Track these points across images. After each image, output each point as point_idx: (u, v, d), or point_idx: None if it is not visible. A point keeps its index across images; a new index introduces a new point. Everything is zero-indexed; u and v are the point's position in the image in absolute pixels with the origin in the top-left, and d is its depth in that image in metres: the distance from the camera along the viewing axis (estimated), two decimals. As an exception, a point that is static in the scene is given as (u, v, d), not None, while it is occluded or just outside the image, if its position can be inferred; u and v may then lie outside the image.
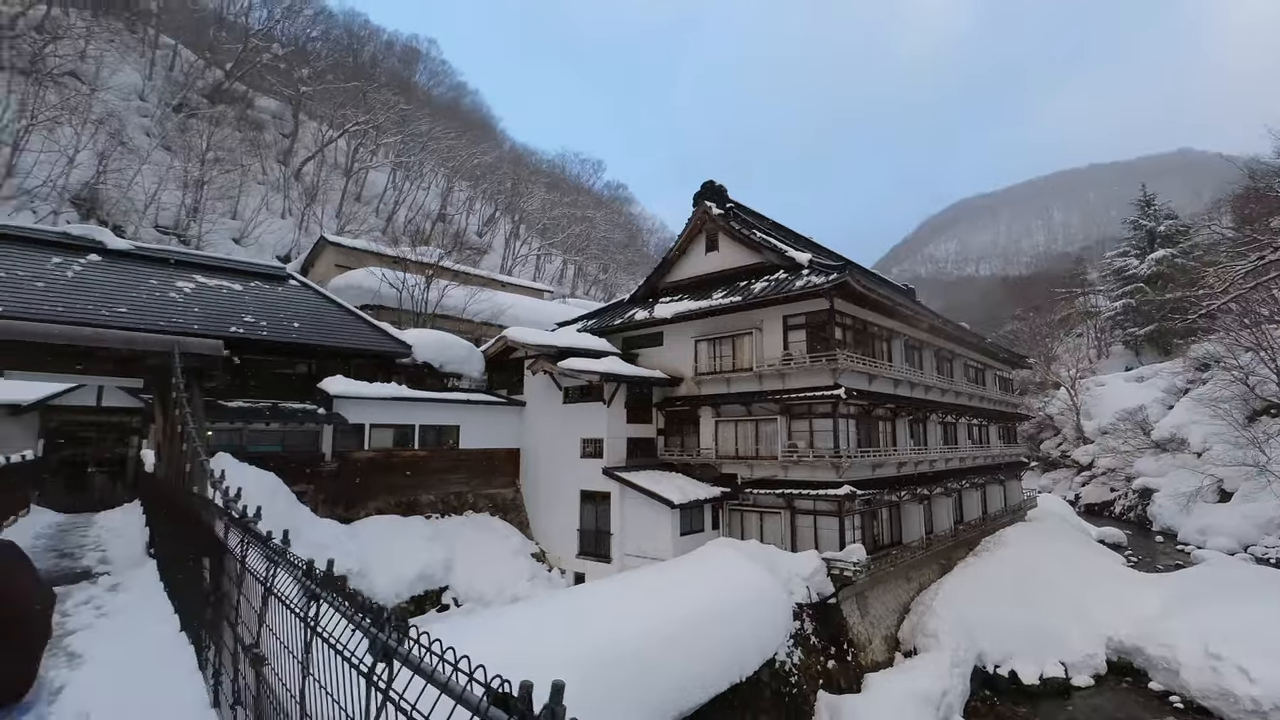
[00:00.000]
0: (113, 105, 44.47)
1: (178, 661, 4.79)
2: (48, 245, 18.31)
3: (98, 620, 6.88)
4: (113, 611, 6.94)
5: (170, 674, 4.51)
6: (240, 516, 3.34)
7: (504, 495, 22.82)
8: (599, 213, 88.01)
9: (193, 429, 6.55)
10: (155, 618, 6.09)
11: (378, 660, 1.30)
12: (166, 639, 5.37)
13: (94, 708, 4.00)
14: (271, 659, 2.66)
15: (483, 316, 31.48)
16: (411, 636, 1.34)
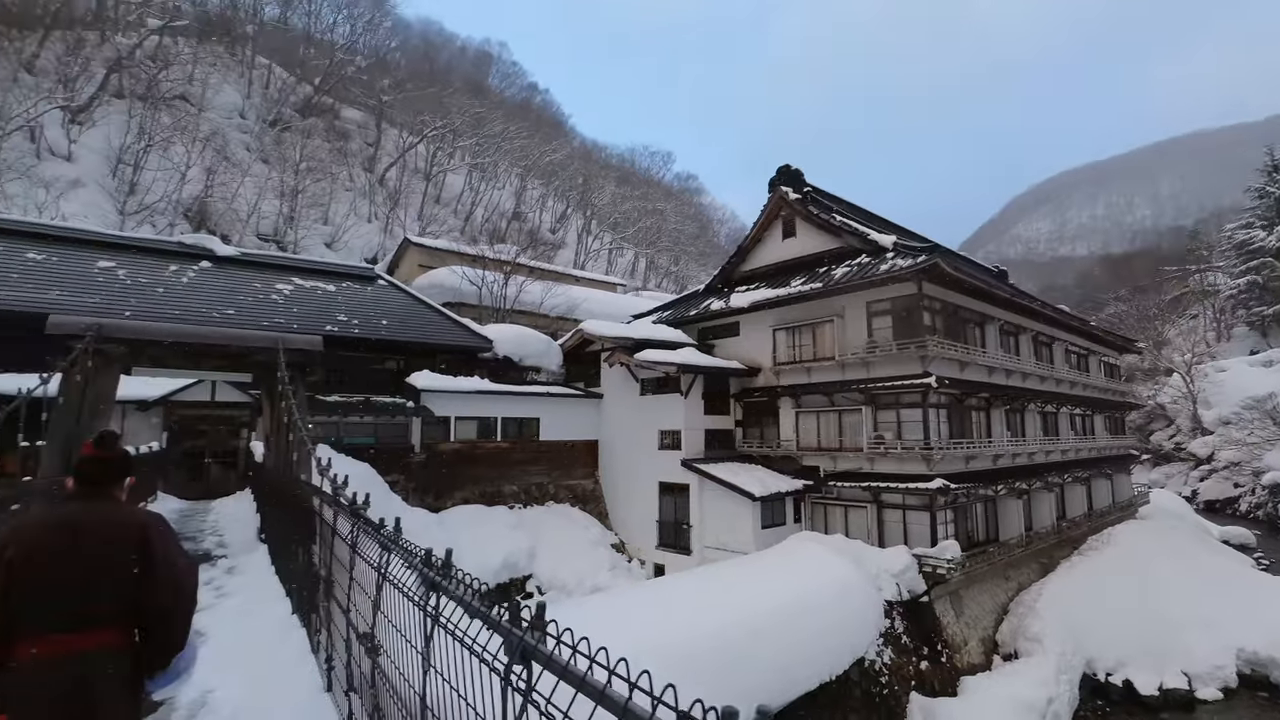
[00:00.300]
0: (217, 124, 47.86)
1: (291, 644, 4.95)
2: (165, 254, 19.89)
3: (218, 601, 7.35)
4: (231, 592, 7.40)
5: (285, 656, 4.66)
6: (351, 504, 3.38)
7: (583, 486, 23.10)
8: (669, 204, 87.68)
9: (298, 419, 6.89)
10: (269, 600, 6.42)
11: (515, 660, 1.19)
12: (280, 621, 5.63)
13: (216, 685, 4.25)
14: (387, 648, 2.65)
15: (558, 311, 31.94)
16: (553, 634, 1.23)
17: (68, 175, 35.48)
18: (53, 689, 2.40)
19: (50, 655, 2.43)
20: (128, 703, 2.58)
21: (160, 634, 2.68)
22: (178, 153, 40.11)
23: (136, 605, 2.60)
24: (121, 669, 2.56)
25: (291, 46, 62.79)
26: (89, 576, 2.55)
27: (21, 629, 2.45)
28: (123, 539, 2.65)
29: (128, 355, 8.67)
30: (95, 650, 2.49)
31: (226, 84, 53.75)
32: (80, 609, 2.52)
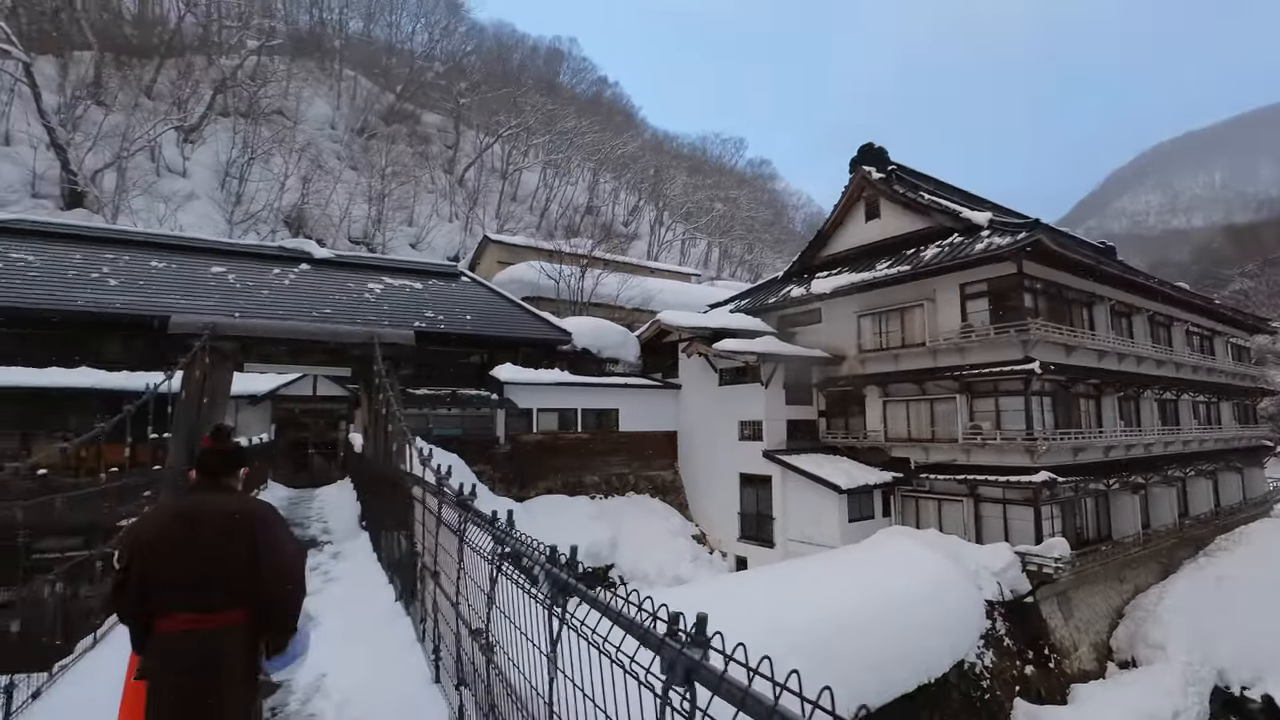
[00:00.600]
0: (311, 135, 50.73)
1: (398, 631, 5.01)
2: (269, 258, 21.24)
3: (325, 586, 7.70)
4: (337, 577, 7.74)
5: (392, 643, 4.72)
6: (459, 496, 3.37)
7: (663, 477, 23.07)
8: (742, 192, 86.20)
9: (397, 410, 7.14)
10: (373, 586, 6.64)
11: (676, 681, 1.04)
12: (385, 608, 5.79)
13: (329, 670, 4.35)
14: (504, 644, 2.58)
15: (634, 303, 31.99)
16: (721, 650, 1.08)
17: (183, 189, 38.54)
18: (182, 662, 2.65)
19: (179, 632, 2.68)
20: (246, 677, 2.80)
21: (271, 618, 2.87)
22: (277, 164, 42.77)
23: (250, 590, 2.79)
24: (240, 647, 2.77)
25: (375, 57, 65.65)
26: (207, 563, 2.76)
27: (156, 609, 2.72)
28: (235, 528, 2.83)
29: (240, 352, 9.28)
30: (216, 630, 2.71)
31: (318, 97, 56.84)
32: (201, 592, 2.73)
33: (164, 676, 2.67)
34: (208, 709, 2.65)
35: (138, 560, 2.75)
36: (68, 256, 18.89)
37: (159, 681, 2.68)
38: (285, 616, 2.90)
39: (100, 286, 18.01)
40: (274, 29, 55.31)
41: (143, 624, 2.76)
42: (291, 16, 62.17)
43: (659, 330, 23.68)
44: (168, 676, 2.67)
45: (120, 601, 2.79)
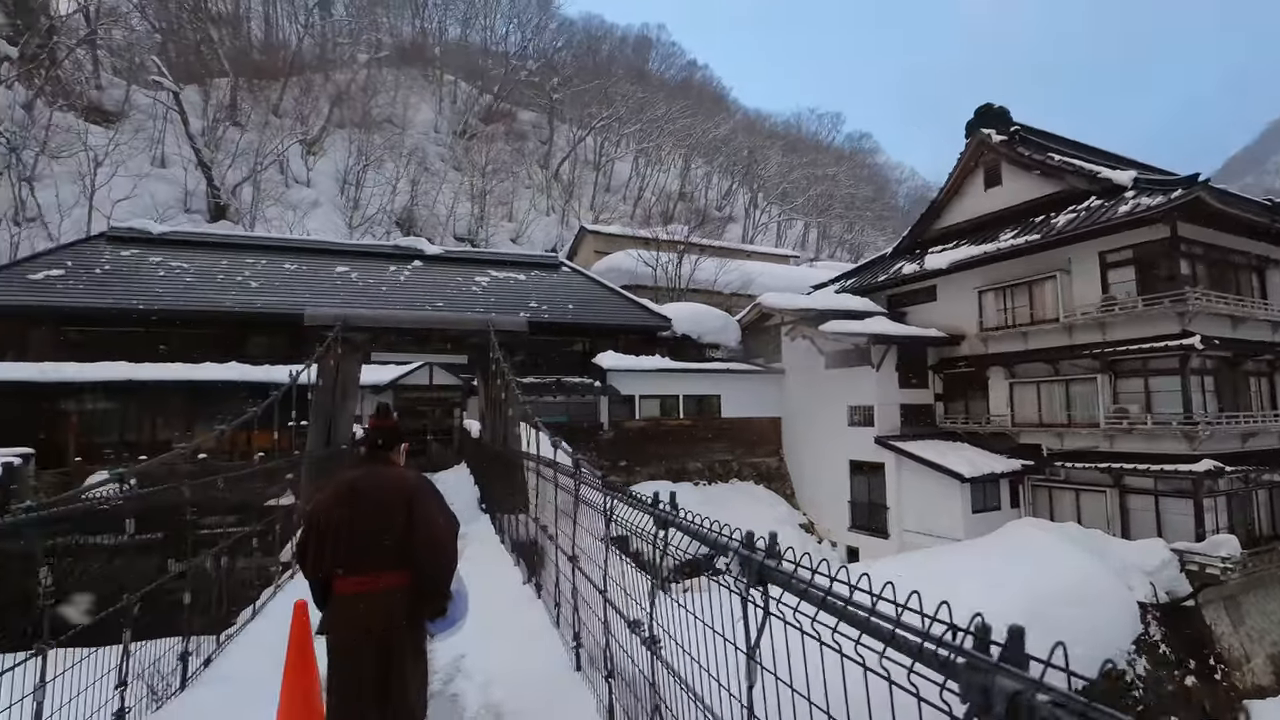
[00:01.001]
0: (417, 140, 53.42)
1: (532, 615, 4.98)
2: (385, 257, 22.54)
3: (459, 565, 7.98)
4: (467, 558, 7.96)
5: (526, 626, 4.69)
6: (604, 481, 3.27)
7: (767, 464, 22.56)
8: (840, 168, 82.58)
9: (517, 394, 7.29)
10: (502, 568, 6.71)
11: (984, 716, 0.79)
12: (515, 590, 5.83)
13: (467, 651, 4.37)
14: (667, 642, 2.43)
15: (732, 287, 31.41)
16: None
17: (309, 197, 41.72)
18: (354, 620, 2.91)
19: (354, 592, 2.94)
20: (412, 634, 3.06)
21: (426, 583, 3.06)
22: (388, 169, 45.39)
23: (409, 556, 3.01)
24: (404, 608, 3.00)
25: (472, 61, 68.04)
26: (372, 531, 2.99)
27: (333, 570, 3.00)
28: (396, 499, 3.05)
29: (369, 342, 9.84)
30: (385, 590, 2.95)
31: (422, 103, 59.76)
32: (368, 557, 2.97)
33: (340, 632, 2.94)
34: (378, 662, 2.88)
35: (316, 527, 3.03)
36: (216, 263, 20.89)
37: (336, 637, 2.96)
38: (437, 583, 3.08)
39: (244, 288, 19.79)
40: (381, 42, 58.63)
41: (322, 585, 3.05)
42: (396, 29, 65.60)
43: (760, 313, 23.09)
44: (343, 633, 2.93)
45: (304, 564, 3.10)
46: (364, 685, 2.87)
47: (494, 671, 4.17)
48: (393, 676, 2.92)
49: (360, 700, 2.86)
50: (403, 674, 2.96)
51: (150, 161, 38.14)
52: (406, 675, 2.98)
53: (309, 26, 57.16)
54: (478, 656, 4.42)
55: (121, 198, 31.79)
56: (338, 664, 2.94)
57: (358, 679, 2.87)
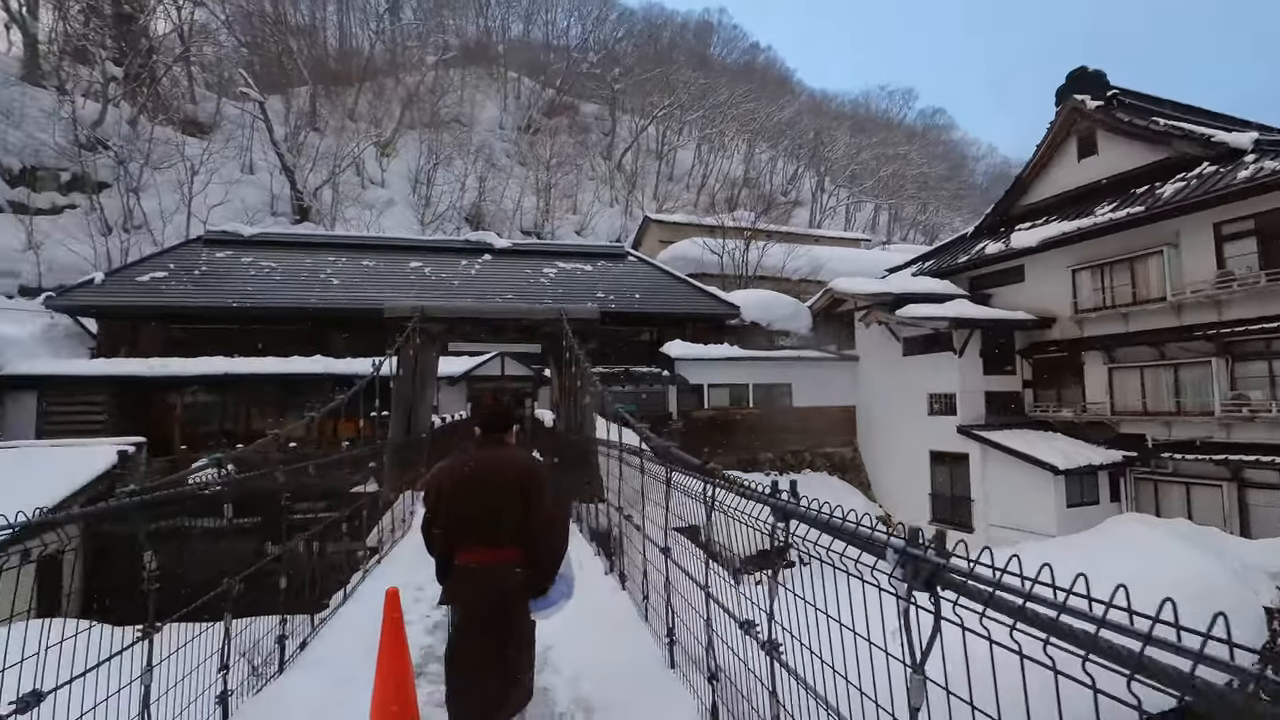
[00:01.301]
0: (484, 137, 54.57)
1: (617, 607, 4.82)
2: (456, 251, 23.12)
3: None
4: None
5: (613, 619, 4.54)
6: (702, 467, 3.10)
7: (841, 454, 21.89)
8: (913, 146, 79.09)
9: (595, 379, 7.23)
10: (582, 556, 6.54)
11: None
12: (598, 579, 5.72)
13: (554, 642, 4.25)
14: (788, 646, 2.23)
15: (801, 273, 30.58)
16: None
17: (383, 197, 43.34)
18: (475, 590, 3.10)
19: (472, 565, 3.13)
20: (522, 606, 3.21)
21: (538, 560, 3.21)
22: (457, 166, 46.58)
23: (522, 533, 3.17)
24: (519, 581, 3.17)
25: (535, 56, 68.83)
26: (492, 507, 3.15)
27: (456, 544, 3.19)
28: (513, 479, 3.20)
29: (444, 333, 10.04)
30: (503, 563, 3.13)
31: (488, 100, 60.97)
32: (488, 531, 3.14)
33: (462, 601, 3.15)
34: (496, 628, 3.08)
35: (441, 504, 3.22)
36: (301, 261, 21.95)
37: (458, 605, 3.18)
38: (549, 561, 3.24)
39: (326, 286, 20.72)
40: (447, 43, 60.05)
41: (445, 557, 3.25)
42: (461, 29, 67.01)
43: (832, 299, 22.36)
44: (465, 601, 3.14)
45: (428, 538, 3.31)
46: (483, 654, 3.04)
47: (582, 665, 4.08)
48: (509, 647, 3.09)
49: (479, 669, 3.03)
50: (519, 645, 3.16)
51: (240, 168, 40.50)
52: (521, 647, 3.18)
53: (380, 32, 59.16)
54: (565, 649, 4.33)
55: (216, 203, 33.87)
56: (459, 632, 3.15)
57: (477, 647, 3.05)
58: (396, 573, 6.71)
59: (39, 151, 33.38)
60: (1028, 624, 1.08)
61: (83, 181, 33.30)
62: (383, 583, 6.21)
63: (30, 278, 27.97)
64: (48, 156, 33.56)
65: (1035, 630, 1.07)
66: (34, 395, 16.56)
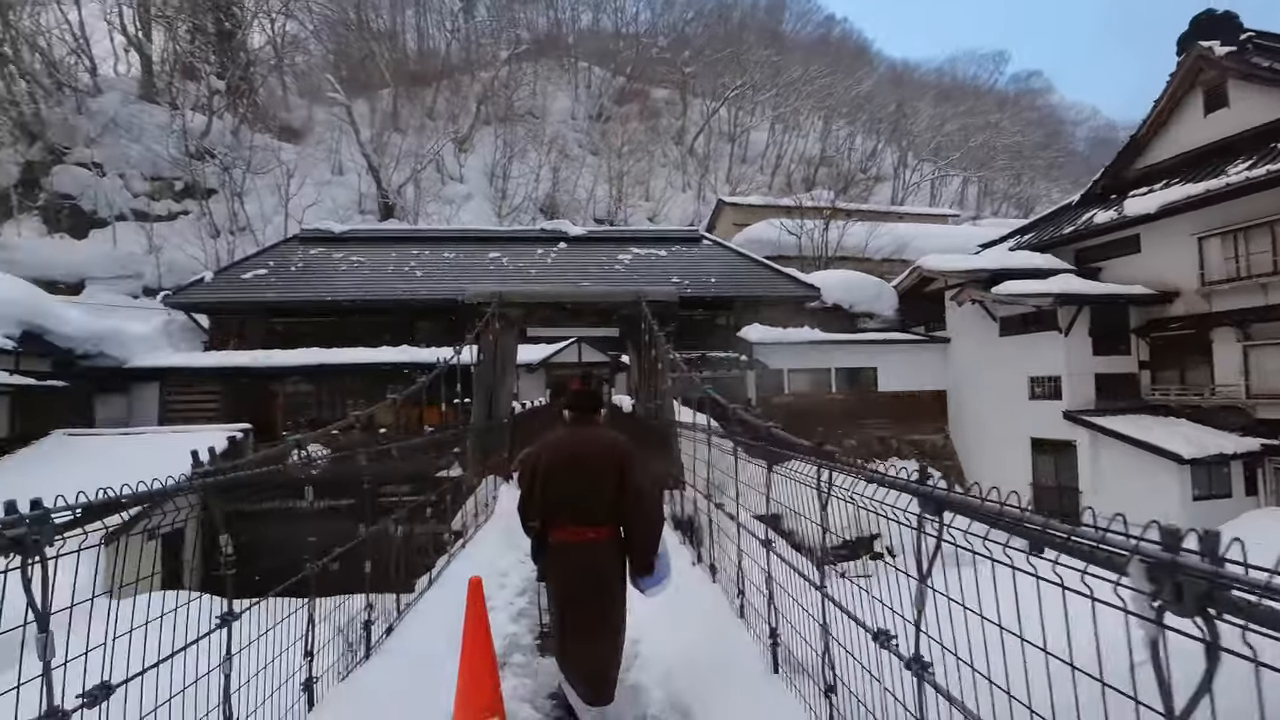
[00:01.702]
0: (557, 128, 55.15)
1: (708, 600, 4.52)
2: (532, 241, 23.44)
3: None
4: None
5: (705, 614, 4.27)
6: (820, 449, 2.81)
7: (931, 441, 20.79)
8: (1004, 114, 74.02)
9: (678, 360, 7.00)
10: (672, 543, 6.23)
11: None
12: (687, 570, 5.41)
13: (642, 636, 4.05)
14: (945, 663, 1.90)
15: (884, 252, 29.18)
16: None
17: (462, 192, 44.62)
18: (575, 562, 3.21)
19: (572, 540, 3.21)
20: (620, 581, 3.32)
21: (634, 538, 3.27)
22: (531, 158, 47.33)
23: (618, 511, 3.25)
24: (615, 557, 3.28)
25: (604, 45, 68.81)
26: (588, 486, 3.23)
27: (552, 522, 3.26)
28: (608, 459, 3.28)
29: (523, 317, 10.08)
30: (598, 541, 3.22)
31: (559, 92, 61.55)
32: (584, 509, 3.22)
33: (559, 576, 3.27)
34: (593, 601, 3.20)
35: (538, 482, 3.29)
36: (387, 255, 22.85)
37: (555, 580, 3.30)
38: (647, 538, 3.28)
39: (410, 278, 21.48)
40: (519, 37, 60.90)
41: (541, 534, 3.31)
42: (532, 23, 67.81)
43: (920, 277, 21.18)
44: (561, 576, 3.25)
45: (525, 516, 3.39)
46: (582, 625, 3.18)
47: (674, 663, 3.83)
48: (606, 618, 3.22)
49: (581, 638, 3.19)
50: (613, 616, 3.26)
51: (330, 170, 42.67)
52: (616, 619, 3.29)
53: (455, 31, 60.72)
54: (655, 644, 4.10)
55: (309, 204, 35.81)
56: (558, 606, 3.29)
57: (576, 619, 3.19)
58: (481, 557, 6.75)
59: (156, 163, 36.29)
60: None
61: (194, 189, 35.98)
62: (467, 566, 6.27)
63: (152, 279, 30.46)
64: (164, 167, 36.46)
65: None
66: (156, 385, 18.02)
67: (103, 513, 1.72)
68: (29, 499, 1.60)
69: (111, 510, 1.78)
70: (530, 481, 3.33)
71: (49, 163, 34.40)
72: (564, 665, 3.30)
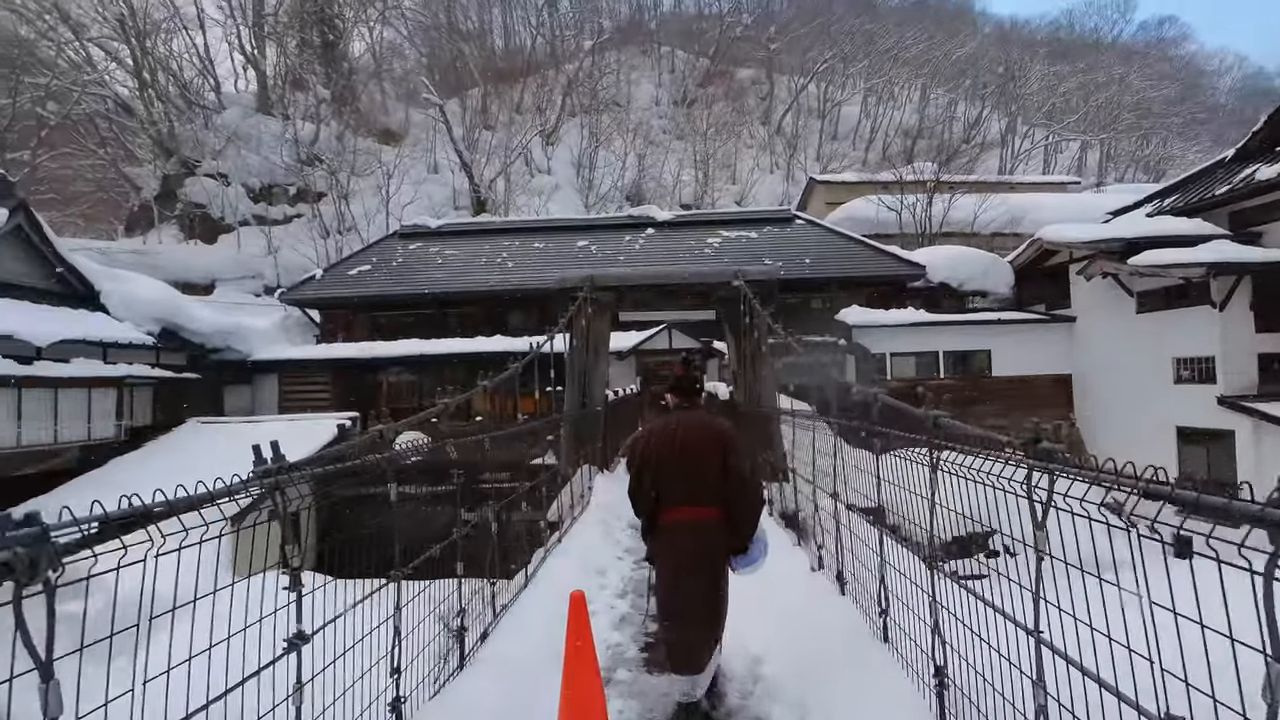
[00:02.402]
0: (641, 115, 54.95)
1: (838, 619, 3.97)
2: (620, 227, 23.34)
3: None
4: None
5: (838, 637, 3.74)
6: (1040, 439, 2.26)
7: (1054, 431, 18.97)
8: (1130, 69, 66.92)
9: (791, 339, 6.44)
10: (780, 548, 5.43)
11: None
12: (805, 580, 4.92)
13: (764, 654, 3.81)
14: None
15: (994, 226, 26.97)
16: None
17: (550, 183, 45.31)
18: (683, 540, 3.29)
19: (680, 520, 3.30)
20: (724, 559, 3.39)
21: (737, 518, 3.34)
22: (617, 146, 47.41)
23: (722, 493, 3.30)
24: (720, 537, 3.33)
25: (687, 27, 67.83)
26: (693, 468, 3.30)
27: (661, 503, 3.35)
28: (713, 442, 3.34)
29: (615, 302, 9.80)
30: (704, 520, 3.30)
31: (643, 78, 61.29)
32: (693, 490, 3.29)
33: (667, 553, 3.34)
34: (698, 578, 3.25)
35: (648, 466, 3.37)
36: (480, 248, 23.41)
37: (663, 558, 3.37)
38: (748, 519, 3.36)
39: (502, 269, 21.86)
40: (602, 26, 60.99)
41: (651, 516, 3.40)
42: (615, 11, 67.78)
43: (1040, 250, 19.33)
44: (670, 553, 3.32)
45: (635, 498, 3.47)
46: (690, 601, 3.22)
47: (807, 693, 3.32)
48: (711, 596, 3.28)
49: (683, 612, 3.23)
50: (716, 593, 3.32)
51: (426, 169, 44.43)
52: (718, 596, 3.33)
53: (539, 26, 61.63)
54: (779, 664, 3.68)
55: (407, 202, 37.40)
56: (665, 581, 3.36)
57: (681, 593, 3.24)
58: (577, 553, 6.52)
59: (272, 171, 39.07)
60: None
61: (305, 193, 38.46)
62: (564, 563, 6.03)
63: (271, 278, 32.84)
64: (279, 174, 39.21)
65: None
66: (275, 377, 19.28)
67: (122, 529, 1.48)
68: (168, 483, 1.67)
69: (147, 520, 1.52)
70: (639, 466, 3.42)
71: (182, 175, 37.75)
72: (664, 636, 3.42)
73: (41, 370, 12.81)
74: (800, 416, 5.74)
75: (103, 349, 14.93)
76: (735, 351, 9.18)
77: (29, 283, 14.66)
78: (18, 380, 12.19)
